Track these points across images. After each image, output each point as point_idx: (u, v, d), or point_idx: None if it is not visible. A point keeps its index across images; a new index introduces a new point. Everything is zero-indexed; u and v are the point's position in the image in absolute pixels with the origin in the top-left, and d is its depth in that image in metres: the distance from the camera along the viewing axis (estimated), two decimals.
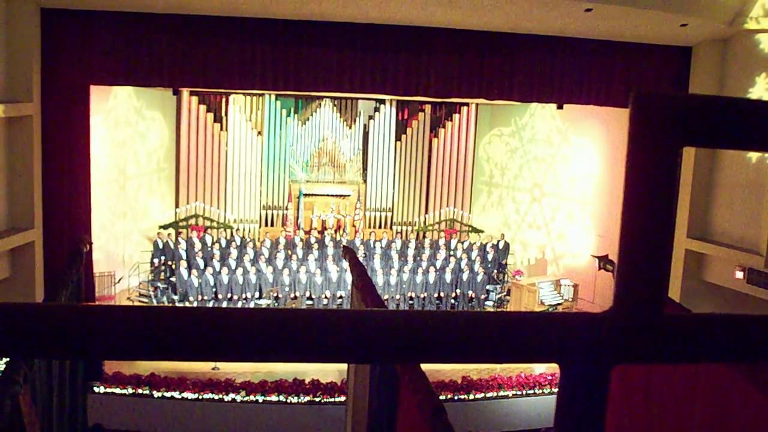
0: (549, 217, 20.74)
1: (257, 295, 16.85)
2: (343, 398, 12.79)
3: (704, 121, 0.92)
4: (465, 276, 18.09)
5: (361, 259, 14.29)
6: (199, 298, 16.29)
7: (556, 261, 20.45)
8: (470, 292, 18.14)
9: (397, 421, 3.98)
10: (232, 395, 13.34)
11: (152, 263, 18.17)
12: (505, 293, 18.87)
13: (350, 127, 21.19)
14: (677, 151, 0.92)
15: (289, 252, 18.21)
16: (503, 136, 22.01)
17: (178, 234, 19.17)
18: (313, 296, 17.25)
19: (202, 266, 17.02)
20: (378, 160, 21.38)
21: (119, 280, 17.37)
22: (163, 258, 18.12)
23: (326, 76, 14.99)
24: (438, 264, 18.46)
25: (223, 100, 20.44)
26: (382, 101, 20.95)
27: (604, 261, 15.77)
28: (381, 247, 19.18)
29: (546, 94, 15.93)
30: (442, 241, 20.14)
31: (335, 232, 20.32)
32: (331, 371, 13.84)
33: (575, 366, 0.96)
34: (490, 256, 19.42)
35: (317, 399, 13.49)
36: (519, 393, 14.25)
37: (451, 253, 19.31)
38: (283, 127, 20.74)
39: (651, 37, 15.11)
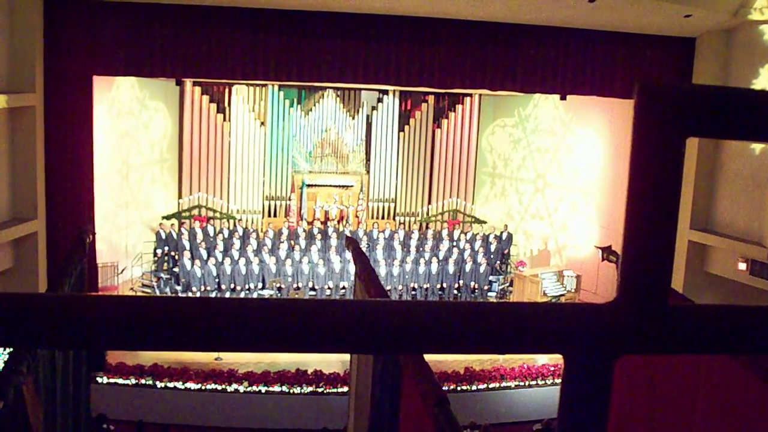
0: (552, 208, 20.71)
1: (260, 285, 16.88)
2: (345, 389, 12.80)
3: (709, 111, 0.91)
4: (468, 267, 18.10)
5: (363, 249, 14.27)
6: (202, 288, 16.33)
7: (559, 252, 20.44)
8: (473, 283, 18.16)
9: (400, 411, 3.99)
10: (234, 386, 13.38)
11: (155, 254, 18.20)
12: (507, 284, 18.87)
13: (353, 118, 21.14)
14: (682, 141, 0.92)
15: (292, 243, 18.21)
16: (506, 126, 21.97)
17: (181, 224, 19.18)
18: (316, 287, 17.27)
19: (204, 257, 17.04)
20: (381, 151, 21.34)
21: (122, 270, 17.40)
22: (166, 248, 18.15)
23: (329, 67, 14.97)
24: (441, 255, 18.46)
25: (226, 90, 20.41)
26: (385, 92, 20.90)
27: (607, 252, 15.70)
28: (384, 238, 19.18)
29: (549, 84, 15.91)
30: (444, 232, 20.13)
31: (338, 222, 20.33)
32: (333, 362, 13.86)
33: (579, 357, 0.96)
34: (493, 247, 19.41)
35: (320, 390, 13.52)
36: (521, 384, 14.27)
37: (454, 243, 19.30)
38: (286, 117, 20.71)
39: (655, 28, 15.05)
